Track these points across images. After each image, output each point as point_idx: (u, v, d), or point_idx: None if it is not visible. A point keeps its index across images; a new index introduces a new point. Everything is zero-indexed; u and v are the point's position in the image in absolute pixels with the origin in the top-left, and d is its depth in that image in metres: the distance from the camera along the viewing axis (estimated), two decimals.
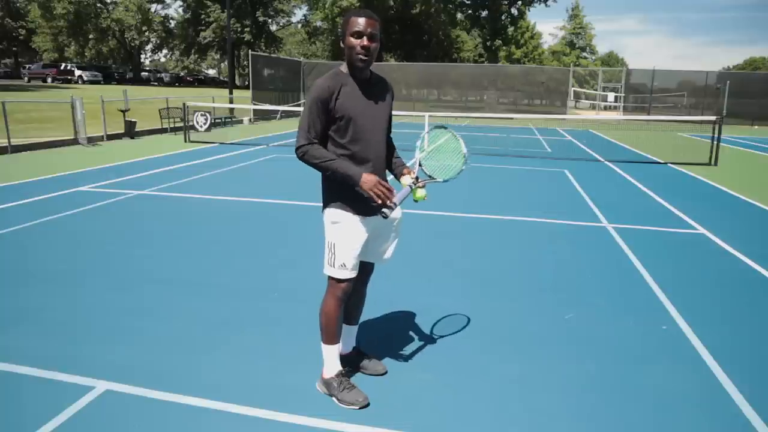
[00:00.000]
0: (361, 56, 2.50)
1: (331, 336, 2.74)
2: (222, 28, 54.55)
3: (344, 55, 2.58)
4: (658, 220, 6.80)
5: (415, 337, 3.46)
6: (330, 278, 2.68)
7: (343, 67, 2.62)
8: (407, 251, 5.25)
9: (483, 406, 2.74)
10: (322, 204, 2.71)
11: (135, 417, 2.57)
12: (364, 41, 2.49)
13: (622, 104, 31.50)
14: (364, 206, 2.61)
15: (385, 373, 2.99)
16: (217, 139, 14.74)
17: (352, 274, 2.67)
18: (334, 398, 2.74)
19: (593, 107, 33.34)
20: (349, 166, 2.52)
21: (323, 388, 2.80)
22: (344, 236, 2.62)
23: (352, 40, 2.49)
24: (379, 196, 2.48)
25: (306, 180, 2.56)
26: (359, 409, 2.68)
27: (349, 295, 2.75)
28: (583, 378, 3.03)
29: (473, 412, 2.68)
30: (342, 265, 2.63)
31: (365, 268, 2.87)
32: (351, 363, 2.99)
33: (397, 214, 2.79)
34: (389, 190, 2.50)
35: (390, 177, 2.83)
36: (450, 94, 37.59)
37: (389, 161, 2.86)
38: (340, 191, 2.60)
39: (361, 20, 2.48)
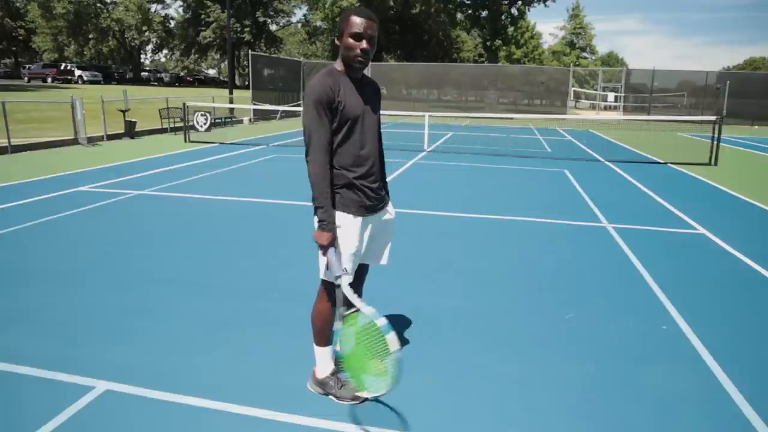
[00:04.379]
0: (359, 59, 2.45)
1: (326, 338, 2.73)
2: (222, 28, 54.56)
3: (339, 53, 2.53)
4: (658, 220, 6.80)
5: (415, 337, 3.46)
6: (326, 282, 2.63)
7: (338, 65, 2.55)
8: (407, 251, 5.25)
9: (483, 406, 2.74)
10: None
11: (135, 417, 2.57)
12: (363, 44, 2.43)
13: (622, 104, 31.50)
14: (365, 206, 2.59)
15: None
16: (217, 139, 14.74)
17: (351, 279, 2.62)
18: (332, 396, 2.74)
19: (593, 107, 33.34)
20: (330, 216, 2.46)
21: (317, 388, 2.79)
22: (347, 241, 2.55)
23: (351, 41, 2.43)
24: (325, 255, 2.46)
25: (306, 180, 2.55)
26: (360, 403, 2.68)
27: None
28: (583, 378, 3.03)
29: (473, 412, 2.68)
30: (343, 271, 2.55)
31: (362, 269, 2.85)
32: None
33: (392, 215, 2.80)
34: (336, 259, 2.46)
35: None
36: (450, 94, 37.59)
37: (382, 166, 2.80)
38: (341, 192, 2.55)
39: (361, 22, 2.42)
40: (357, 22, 2.42)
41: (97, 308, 3.76)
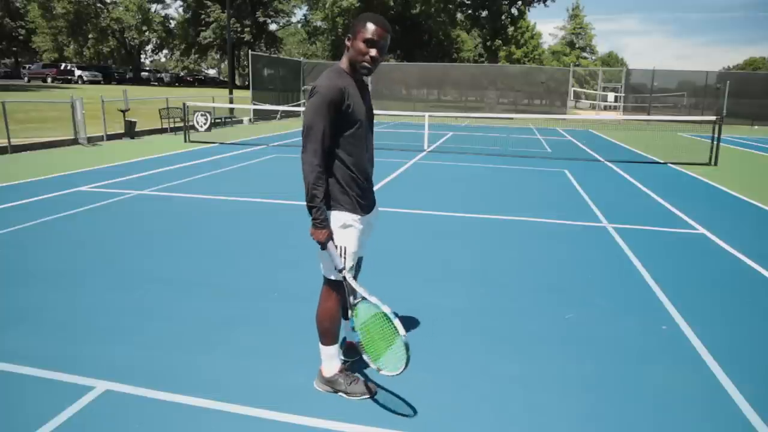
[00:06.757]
0: (366, 65, 2.49)
1: (333, 337, 2.74)
2: (222, 28, 54.54)
3: (347, 53, 2.54)
4: (658, 220, 6.80)
5: (415, 337, 3.45)
6: (329, 280, 2.66)
7: (344, 65, 2.56)
8: (407, 251, 5.25)
9: (483, 405, 2.74)
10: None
11: (135, 417, 2.57)
12: (373, 52, 2.47)
13: (622, 104, 31.50)
14: (367, 204, 2.65)
15: None
16: (217, 139, 14.74)
17: (353, 274, 2.68)
18: (341, 394, 2.75)
19: (593, 107, 33.35)
20: (324, 214, 2.48)
21: (325, 386, 2.80)
22: (355, 240, 2.61)
23: (362, 46, 2.46)
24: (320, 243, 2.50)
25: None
26: (370, 397, 2.72)
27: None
28: (583, 378, 3.03)
29: (473, 412, 2.68)
30: (351, 268, 2.63)
31: (358, 263, 2.89)
32: (356, 352, 3.01)
33: (377, 209, 2.84)
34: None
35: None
36: (450, 94, 37.59)
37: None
38: (350, 194, 2.57)
39: (375, 29, 2.45)
40: (371, 29, 2.45)
41: (97, 308, 3.76)
